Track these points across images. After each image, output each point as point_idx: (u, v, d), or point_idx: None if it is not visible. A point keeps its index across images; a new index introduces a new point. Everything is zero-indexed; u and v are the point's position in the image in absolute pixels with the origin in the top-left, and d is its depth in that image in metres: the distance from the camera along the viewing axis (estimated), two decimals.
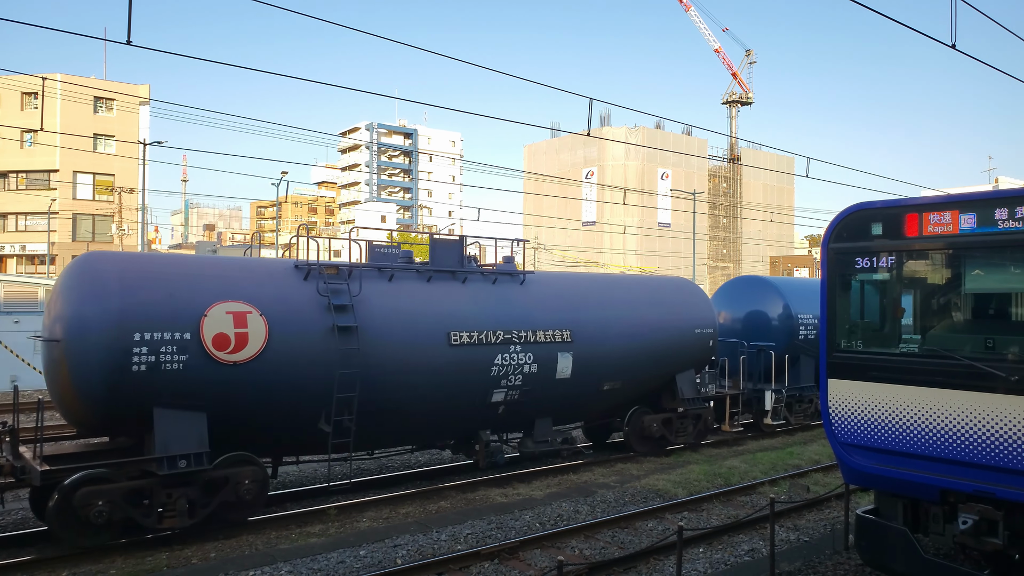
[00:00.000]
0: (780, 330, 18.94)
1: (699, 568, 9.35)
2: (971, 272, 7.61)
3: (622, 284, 16.52)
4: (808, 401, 19.80)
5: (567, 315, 14.24)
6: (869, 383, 7.80)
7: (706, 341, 16.49)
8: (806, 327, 19.09)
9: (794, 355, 19.05)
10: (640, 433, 15.80)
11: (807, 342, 19.21)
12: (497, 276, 13.89)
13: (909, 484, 7.47)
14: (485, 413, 13.26)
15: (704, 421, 16.67)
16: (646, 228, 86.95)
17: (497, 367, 13.00)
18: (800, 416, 19.70)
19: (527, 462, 15.10)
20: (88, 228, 59.07)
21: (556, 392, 13.97)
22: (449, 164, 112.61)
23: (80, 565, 9.35)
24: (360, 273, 12.06)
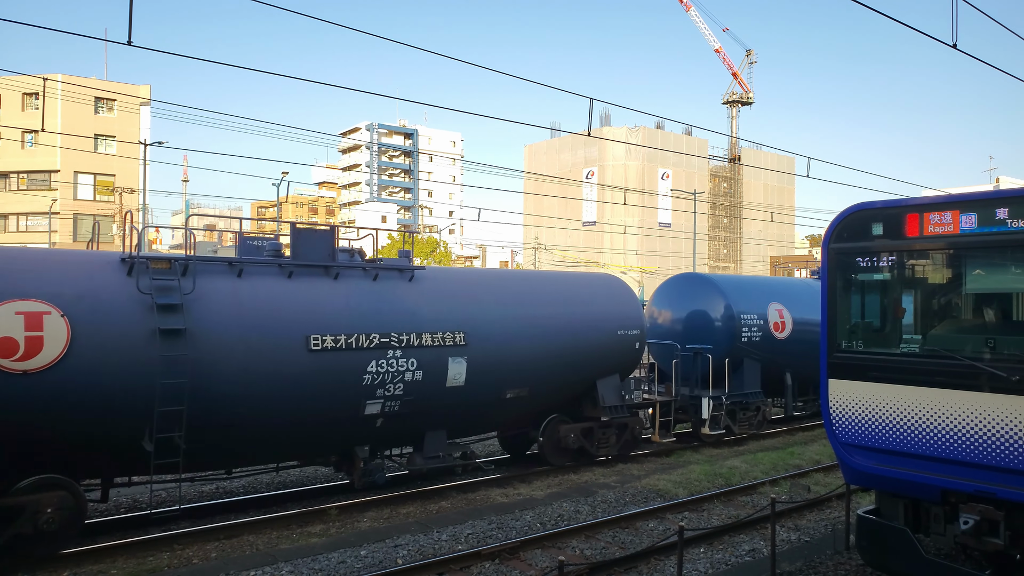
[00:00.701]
0: (721, 332, 17.51)
1: (700, 568, 9.35)
2: (972, 272, 7.61)
3: (532, 280, 15.24)
4: (754, 409, 18.24)
5: (462, 315, 12.75)
6: (870, 383, 7.80)
7: (631, 343, 15.09)
8: (750, 328, 17.80)
9: (737, 359, 17.67)
10: (556, 444, 14.52)
11: (751, 345, 17.87)
12: (379, 271, 12.25)
13: (910, 484, 7.46)
14: (359, 427, 11.75)
15: (631, 431, 15.31)
16: (647, 228, 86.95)
17: (371, 375, 11.42)
18: (745, 425, 18.12)
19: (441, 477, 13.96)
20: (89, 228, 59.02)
21: (448, 402, 12.48)
22: (449, 164, 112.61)
23: (82, 564, 9.36)
24: (200, 267, 10.57)
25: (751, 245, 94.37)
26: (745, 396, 17.88)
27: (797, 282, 21.72)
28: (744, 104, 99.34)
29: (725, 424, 17.39)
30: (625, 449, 15.52)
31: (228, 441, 10.68)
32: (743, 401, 17.86)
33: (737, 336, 17.55)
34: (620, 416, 15.02)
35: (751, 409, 18.09)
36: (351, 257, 12.33)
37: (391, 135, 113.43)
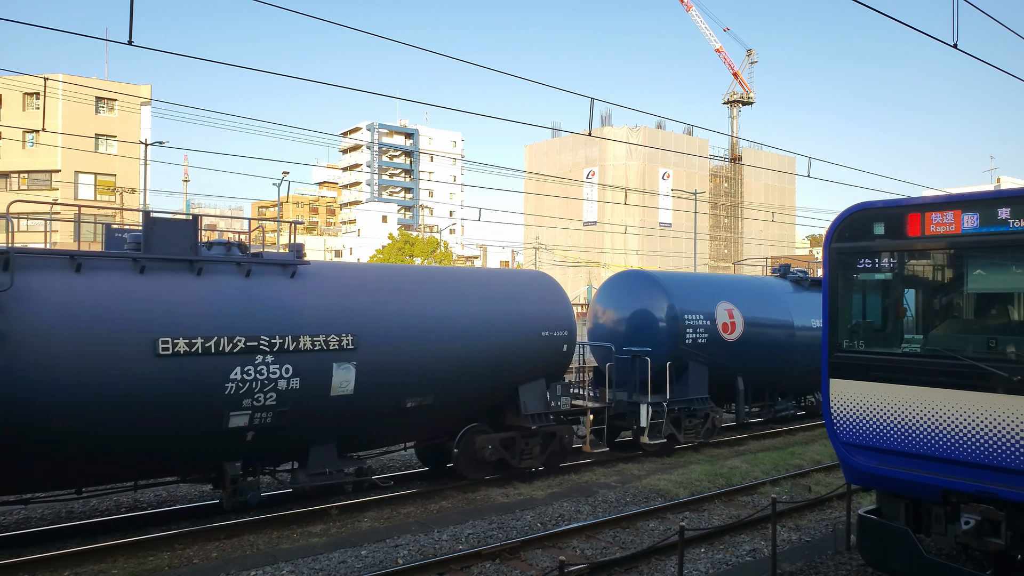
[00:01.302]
0: (664, 333, 16.25)
1: (700, 568, 9.35)
2: (973, 272, 7.61)
3: (442, 277, 13.95)
4: (702, 416, 16.80)
5: (353, 315, 11.48)
6: (871, 383, 7.79)
7: (558, 346, 13.92)
8: (695, 330, 16.51)
9: (681, 362, 16.41)
10: (472, 457, 13.29)
11: (697, 347, 16.55)
12: (253, 267, 10.93)
13: (911, 484, 7.46)
14: (225, 441, 10.46)
15: (559, 440, 14.18)
16: (647, 228, 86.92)
17: (235, 383, 10.13)
18: (692, 434, 16.63)
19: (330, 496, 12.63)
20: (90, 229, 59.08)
21: (335, 413, 11.24)
22: (450, 164, 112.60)
23: (83, 564, 9.36)
24: (29, 262, 9.33)
25: (752, 245, 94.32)
26: (691, 402, 16.52)
27: (750, 280, 20.66)
28: (745, 104, 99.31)
29: (668, 433, 16.00)
30: (554, 460, 14.46)
31: (61, 459, 9.43)
32: (689, 408, 16.47)
33: (681, 338, 16.30)
34: (546, 425, 13.81)
35: (698, 416, 16.71)
36: (228, 251, 11.08)
37: (392, 135, 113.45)
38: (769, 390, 18.97)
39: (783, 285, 19.78)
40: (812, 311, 19.16)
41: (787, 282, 19.98)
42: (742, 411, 18.00)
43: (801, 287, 19.92)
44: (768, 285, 19.72)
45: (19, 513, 11.55)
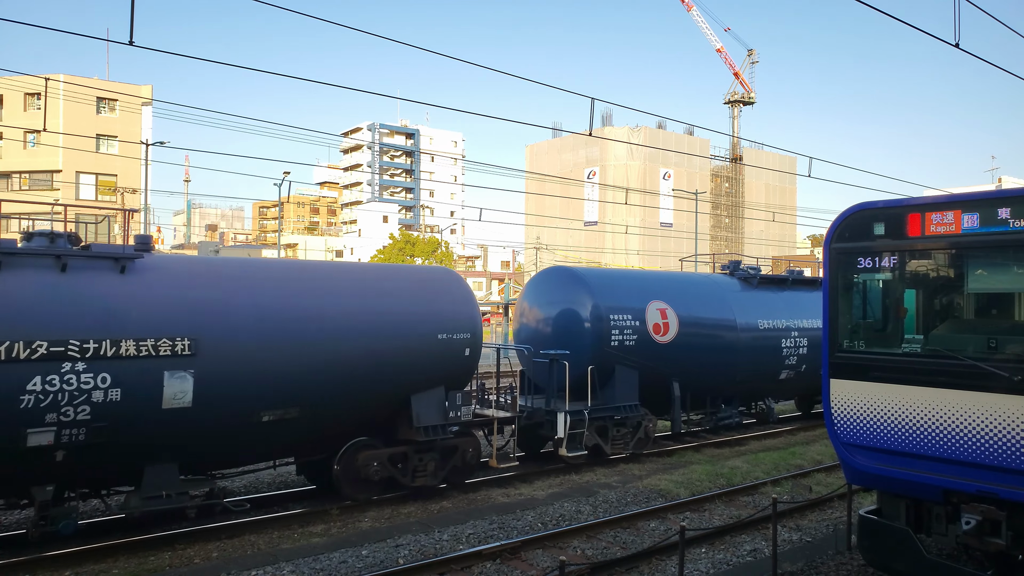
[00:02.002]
0: (587, 335, 14.81)
1: (701, 568, 9.35)
2: (974, 272, 7.60)
3: (310, 270, 12.16)
4: (632, 425, 15.33)
5: (192, 315, 10.02)
6: (872, 383, 7.79)
7: (459, 350, 12.48)
8: (622, 331, 15.04)
9: (607, 366, 14.97)
10: (355, 474, 11.81)
11: (624, 350, 15.10)
12: (72, 260, 9.56)
13: (912, 484, 7.46)
14: (26, 462, 9.08)
15: (462, 455, 12.76)
16: (648, 228, 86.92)
17: (35, 395, 8.80)
18: (620, 444, 15.19)
19: None
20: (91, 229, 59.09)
21: (170, 428, 9.82)
22: (451, 164, 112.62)
23: (84, 564, 9.37)
24: None
25: (753, 245, 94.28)
26: (618, 410, 15.02)
27: (689, 277, 19.35)
28: (746, 104, 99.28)
29: (592, 443, 14.60)
30: (457, 477, 12.96)
31: None
32: (615, 416, 15.01)
33: (605, 339, 14.86)
34: (445, 438, 12.45)
35: (628, 425, 15.23)
36: (51, 242, 9.78)
37: (393, 135, 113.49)
38: (711, 396, 17.58)
39: (729, 283, 18.43)
40: (759, 310, 18.02)
41: (734, 279, 18.70)
42: (677, 419, 16.44)
43: (749, 285, 18.65)
44: (710, 283, 18.29)
45: (20, 513, 11.56)
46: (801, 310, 18.95)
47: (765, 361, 18.02)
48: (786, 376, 18.66)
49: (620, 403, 15.09)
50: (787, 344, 18.33)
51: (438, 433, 12.37)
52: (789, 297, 19.12)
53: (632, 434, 15.40)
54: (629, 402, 15.24)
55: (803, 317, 18.84)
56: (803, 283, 19.96)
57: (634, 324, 15.33)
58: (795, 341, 18.50)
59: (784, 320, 18.37)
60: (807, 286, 19.97)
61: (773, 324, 18.11)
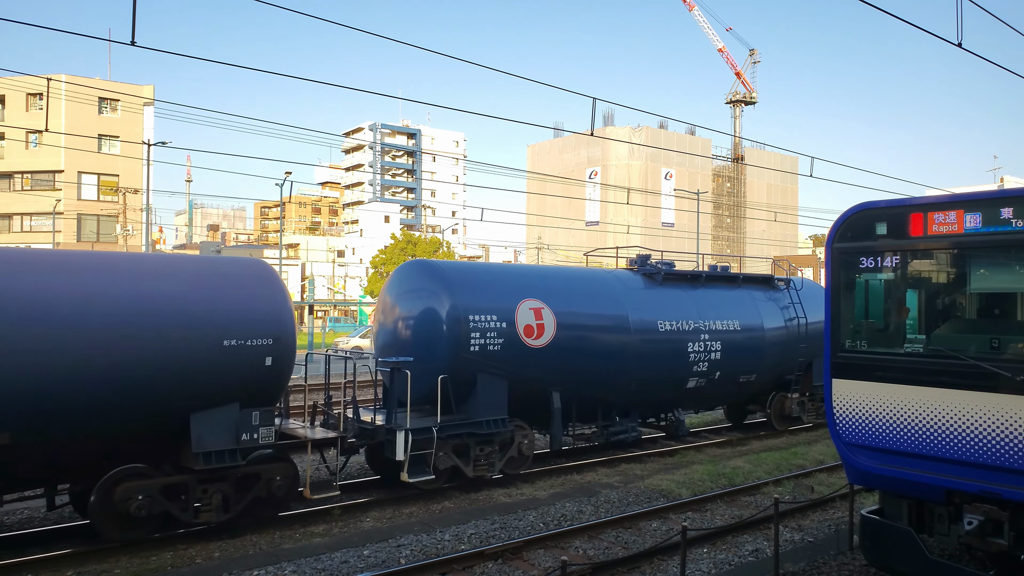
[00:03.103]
0: (442, 338, 12.76)
1: (703, 568, 9.34)
2: (976, 272, 7.59)
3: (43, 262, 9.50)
4: (503, 443, 13.28)
5: None
6: (873, 383, 7.78)
7: (257, 359, 10.25)
8: (485, 334, 12.96)
9: (467, 375, 12.85)
10: (113, 510, 9.65)
11: (487, 355, 12.97)
12: None
13: (914, 484, 7.45)
14: None
15: (267, 484, 10.68)
16: (650, 228, 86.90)
17: None
18: (484, 466, 13.01)
19: None
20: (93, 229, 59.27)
21: None
22: (453, 164, 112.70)
23: (85, 564, 9.38)
24: None
25: (755, 245, 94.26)
26: (481, 425, 12.88)
27: (573, 272, 16.77)
28: (747, 104, 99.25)
29: (445, 466, 12.47)
30: (262, 509, 10.89)
31: None
32: (477, 433, 12.85)
33: (463, 344, 12.76)
34: (235, 466, 10.33)
35: (495, 443, 13.15)
36: None
37: (394, 135, 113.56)
38: (603, 407, 15.28)
39: (629, 279, 16.22)
40: (661, 310, 15.79)
41: (638, 276, 16.48)
42: (557, 434, 14.12)
43: (653, 282, 16.41)
44: (604, 279, 15.91)
45: (22, 513, 11.57)
46: (716, 310, 16.82)
47: (667, 368, 15.67)
48: (696, 384, 16.35)
49: (484, 417, 12.94)
50: (695, 348, 16.03)
51: (224, 460, 10.16)
52: (702, 296, 16.94)
53: (501, 453, 13.30)
54: (495, 416, 13.07)
55: (717, 318, 16.70)
56: (720, 280, 17.87)
57: (500, 326, 13.16)
58: (705, 345, 16.23)
59: (692, 321, 16.14)
60: (726, 283, 17.93)
61: (677, 326, 15.80)
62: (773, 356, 17.89)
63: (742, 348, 17.08)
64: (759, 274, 19.39)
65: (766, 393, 18.80)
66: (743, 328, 17.15)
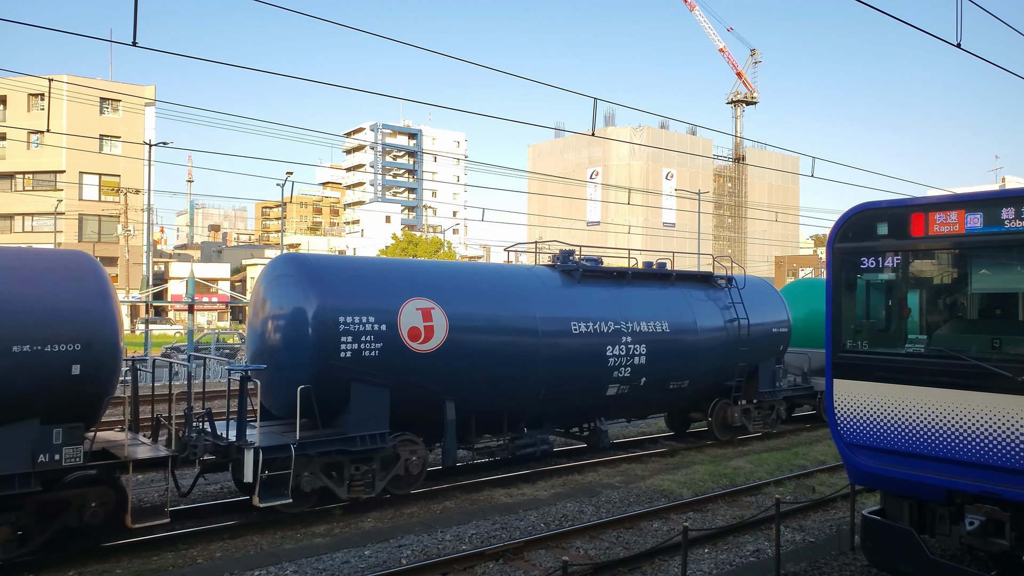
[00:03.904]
0: (309, 343, 11.28)
1: (704, 568, 9.34)
2: (977, 272, 7.59)
3: None
4: (385, 460, 11.84)
5: None
6: (875, 383, 7.78)
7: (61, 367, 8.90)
8: (359, 338, 11.45)
9: (338, 385, 11.39)
10: None
11: (362, 362, 11.49)
12: None
13: (915, 485, 7.44)
14: None
15: (78, 513, 9.45)
16: (651, 228, 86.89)
17: None
18: (360, 487, 11.63)
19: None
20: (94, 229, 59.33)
21: None
22: (453, 164, 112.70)
23: (87, 564, 9.38)
24: None
25: (756, 245, 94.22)
26: (354, 441, 11.38)
27: (476, 268, 15.09)
28: (748, 104, 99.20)
29: (312, 487, 11.06)
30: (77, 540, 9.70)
31: None
32: (349, 450, 11.36)
33: (332, 350, 11.27)
34: (31, 492, 8.96)
35: (373, 461, 11.67)
36: None
37: (395, 135, 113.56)
38: (509, 418, 13.85)
39: (543, 277, 14.58)
40: (577, 310, 14.28)
41: (555, 273, 14.90)
42: (451, 449, 12.70)
43: (571, 279, 14.86)
44: (509, 277, 14.22)
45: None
46: (643, 310, 15.31)
47: (582, 374, 14.23)
48: (618, 392, 14.91)
49: (359, 432, 11.44)
50: (616, 352, 14.56)
51: (13, 486, 8.82)
52: (628, 295, 15.40)
53: (384, 471, 11.86)
54: (373, 430, 11.57)
55: (644, 319, 15.18)
56: (650, 277, 16.44)
57: (379, 329, 11.70)
58: (628, 348, 14.75)
59: (613, 322, 14.64)
60: (658, 281, 16.47)
61: (595, 327, 14.31)
62: (710, 361, 16.45)
63: (672, 352, 15.63)
64: (696, 271, 17.92)
65: (708, 400, 17.35)
66: (673, 330, 15.67)
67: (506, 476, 13.93)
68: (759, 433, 18.17)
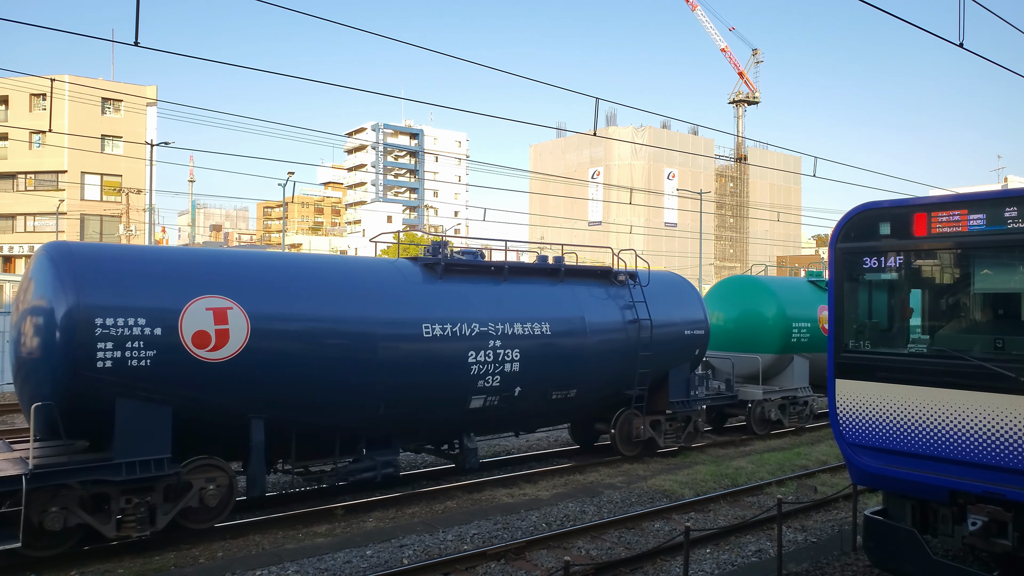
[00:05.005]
0: (56, 351, 9.24)
1: (706, 569, 9.34)
2: (980, 272, 7.58)
3: None
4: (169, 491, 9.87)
5: None
6: (877, 383, 7.77)
7: None
8: (125, 345, 9.45)
9: (97, 402, 9.42)
10: None
11: (128, 373, 9.49)
12: None
13: (918, 485, 7.43)
14: None
15: None
16: (652, 228, 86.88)
17: None
18: (131, 523, 9.53)
19: None
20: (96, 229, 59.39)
21: None
22: (455, 164, 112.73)
23: (89, 564, 9.39)
24: None
25: (757, 245, 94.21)
26: (117, 470, 9.38)
27: (284, 261, 12.37)
28: (750, 103, 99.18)
29: (59, 525, 9.00)
30: None
31: None
32: (111, 480, 9.35)
33: (86, 359, 9.26)
34: None
35: (153, 492, 9.68)
36: None
37: (397, 135, 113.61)
38: (344, 438, 11.79)
39: (400, 272, 12.49)
40: (432, 310, 12.17)
41: (416, 267, 12.75)
42: (258, 476, 10.56)
43: (432, 274, 12.71)
44: (346, 271, 12.07)
45: None
46: (519, 310, 13.25)
47: (436, 384, 12.12)
48: (485, 404, 12.78)
49: (129, 457, 9.48)
50: (481, 358, 12.46)
51: None
52: (502, 292, 13.34)
53: (170, 502, 9.90)
54: (150, 455, 9.62)
55: (519, 320, 13.12)
56: (531, 272, 14.17)
57: (151, 333, 9.66)
58: (498, 354, 12.66)
59: (478, 324, 12.54)
60: (543, 276, 14.25)
61: (453, 330, 12.21)
62: (603, 367, 14.33)
63: (553, 357, 13.56)
64: (592, 266, 15.56)
65: (614, 410, 15.23)
66: (556, 332, 13.55)
67: (508, 476, 13.93)
68: (673, 448, 16.35)
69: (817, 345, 19.19)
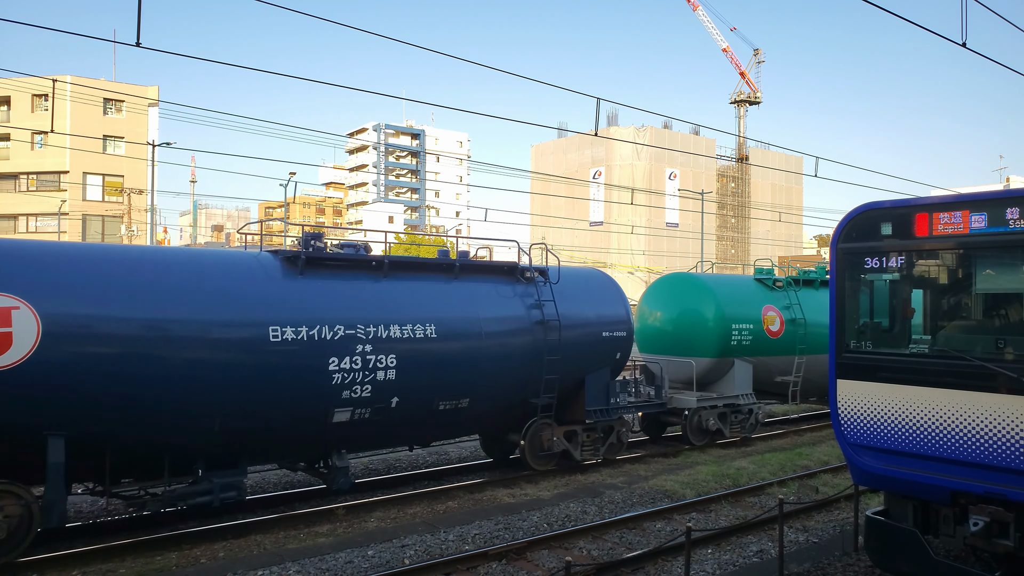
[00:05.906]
0: None
1: (707, 569, 9.34)
2: (982, 272, 7.58)
3: None
4: None
5: None
6: (879, 384, 7.77)
7: None
8: None
9: None
10: None
11: None
12: None
13: (919, 485, 7.43)
14: None
15: None
16: (654, 228, 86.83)
17: None
18: None
19: None
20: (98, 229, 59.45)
21: None
22: (456, 164, 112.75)
23: (90, 563, 9.41)
24: None
25: (759, 245, 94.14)
26: None
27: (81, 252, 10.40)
28: (752, 103, 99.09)
29: None
30: None
31: None
32: None
33: None
34: None
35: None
36: None
37: (398, 135, 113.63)
38: (174, 458, 10.25)
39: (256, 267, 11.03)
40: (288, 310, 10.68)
41: (276, 261, 11.26)
42: (55, 502, 9.08)
43: (292, 269, 11.16)
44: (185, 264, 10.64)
45: None
46: (399, 310, 11.82)
47: (286, 395, 10.61)
48: (353, 417, 11.30)
49: None
50: (346, 365, 10.97)
51: None
52: (379, 290, 11.92)
53: None
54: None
55: (398, 321, 11.67)
56: (419, 268, 12.85)
57: None
58: (367, 360, 11.20)
59: (344, 326, 11.06)
60: (434, 272, 12.86)
61: (310, 333, 10.70)
62: (503, 373, 12.95)
63: (439, 363, 12.10)
64: (494, 262, 14.00)
65: (524, 420, 13.79)
66: (443, 335, 12.10)
67: (509, 476, 13.94)
68: (594, 461, 15.00)
69: (762, 348, 17.74)
